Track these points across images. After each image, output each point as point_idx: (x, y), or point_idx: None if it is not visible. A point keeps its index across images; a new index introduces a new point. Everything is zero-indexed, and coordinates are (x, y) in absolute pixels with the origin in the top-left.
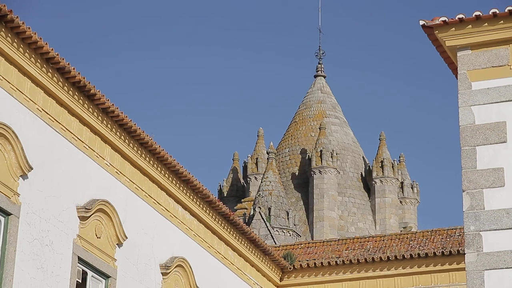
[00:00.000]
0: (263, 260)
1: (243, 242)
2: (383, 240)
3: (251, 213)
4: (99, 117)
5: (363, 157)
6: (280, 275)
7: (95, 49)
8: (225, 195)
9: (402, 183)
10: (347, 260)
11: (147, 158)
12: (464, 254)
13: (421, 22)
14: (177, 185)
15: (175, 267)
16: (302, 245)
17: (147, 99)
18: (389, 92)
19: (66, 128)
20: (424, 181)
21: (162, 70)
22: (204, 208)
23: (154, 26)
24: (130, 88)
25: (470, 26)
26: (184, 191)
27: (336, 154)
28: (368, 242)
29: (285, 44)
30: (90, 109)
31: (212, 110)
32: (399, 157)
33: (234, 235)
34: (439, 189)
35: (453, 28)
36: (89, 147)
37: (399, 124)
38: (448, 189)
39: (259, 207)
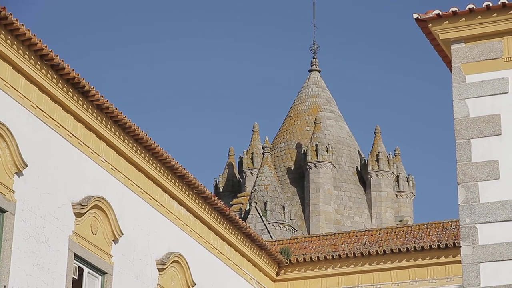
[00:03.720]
0: (260, 255)
1: (239, 237)
2: (379, 234)
3: (247, 208)
4: (94, 113)
5: (358, 151)
6: (276, 270)
7: (89, 46)
8: (220, 190)
9: (397, 176)
10: (343, 254)
11: (142, 154)
12: (460, 247)
13: (415, 16)
14: (173, 180)
15: (171, 263)
16: (298, 240)
17: (141, 94)
18: (384, 86)
19: (61, 125)
20: (419, 174)
21: (156, 65)
22: (200, 204)
23: (148, 21)
24: (124, 83)
25: (463, 19)
26: (180, 186)
27: (332, 148)
28: (364, 236)
29: (279, 38)
30: (84, 105)
31: (207, 105)
32: (395, 150)
33: (230, 230)
34: (434, 182)
35: (447, 21)
36: (84, 143)
37: (394, 118)
38: (444, 182)
39: (255, 202)
